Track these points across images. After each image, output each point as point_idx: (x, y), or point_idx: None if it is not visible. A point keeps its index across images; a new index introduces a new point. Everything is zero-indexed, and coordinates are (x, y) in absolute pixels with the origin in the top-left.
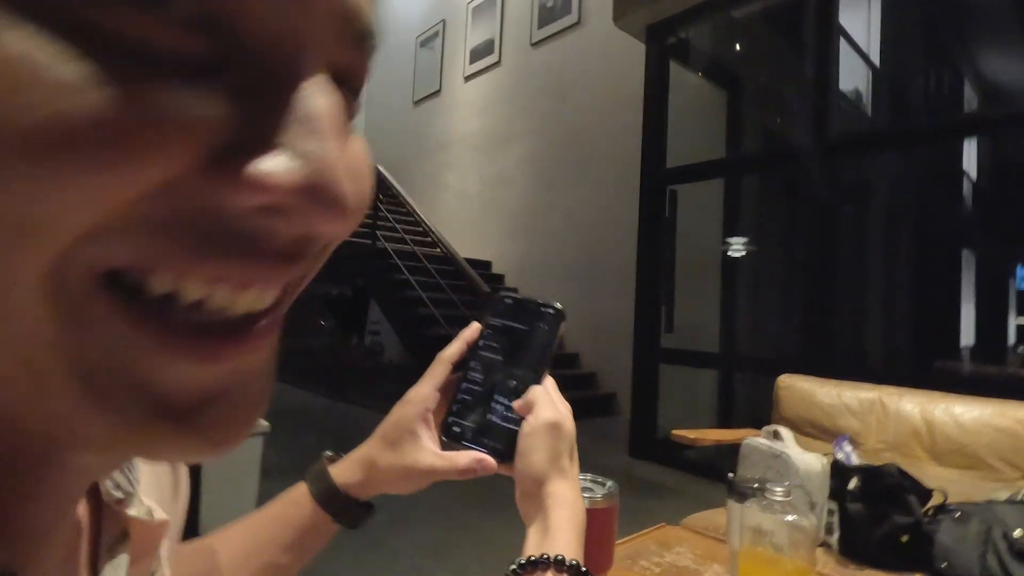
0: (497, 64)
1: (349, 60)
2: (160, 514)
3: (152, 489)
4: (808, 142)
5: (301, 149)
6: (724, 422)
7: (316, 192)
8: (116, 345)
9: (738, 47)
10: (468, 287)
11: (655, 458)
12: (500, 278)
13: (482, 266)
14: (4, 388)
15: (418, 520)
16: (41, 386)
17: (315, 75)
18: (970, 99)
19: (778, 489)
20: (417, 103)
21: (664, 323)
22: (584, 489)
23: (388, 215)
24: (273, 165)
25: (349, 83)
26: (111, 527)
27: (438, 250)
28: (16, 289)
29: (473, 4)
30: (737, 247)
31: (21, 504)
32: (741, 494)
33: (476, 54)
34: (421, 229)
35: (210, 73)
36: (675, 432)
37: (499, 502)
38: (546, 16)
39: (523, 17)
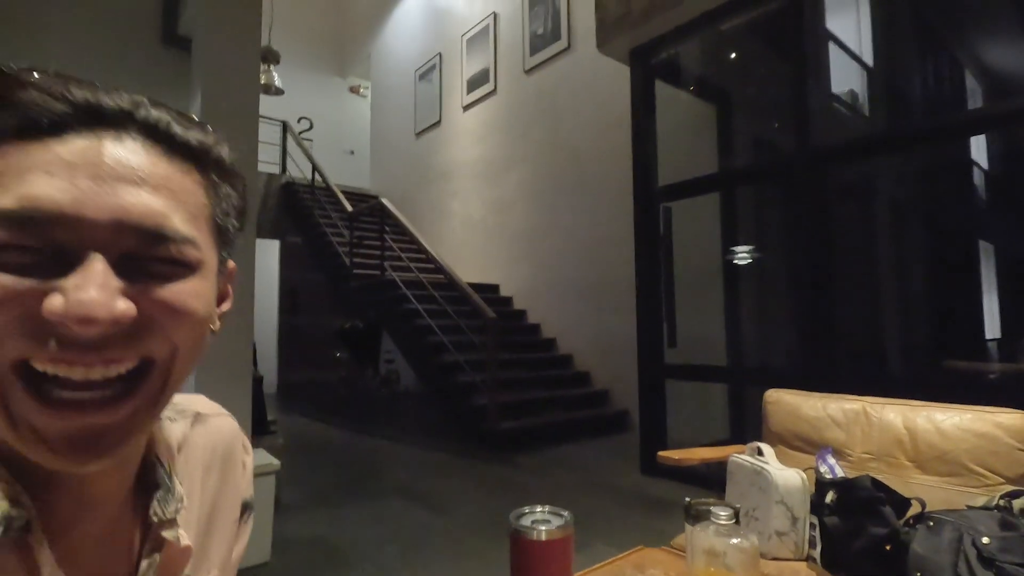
0: (493, 92)
1: (143, 246)
2: (185, 541)
3: (221, 531)
4: (798, 150)
5: (69, 295)
6: (738, 435)
7: (68, 315)
8: (20, 402)
9: (724, 61)
10: (474, 312)
11: (667, 475)
12: (508, 300)
13: (490, 289)
14: None
15: (432, 549)
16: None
17: (93, 256)
18: (973, 90)
19: (722, 512)
20: (419, 135)
21: (667, 338)
22: (542, 520)
23: (394, 245)
24: (52, 300)
25: (164, 255)
26: (154, 539)
27: (442, 277)
28: None
29: (468, 36)
30: (737, 259)
31: (59, 490)
32: (694, 517)
33: (472, 84)
34: (426, 257)
35: (36, 265)
36: (661, 453)
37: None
38: (537, 43)
39: (515, 45)
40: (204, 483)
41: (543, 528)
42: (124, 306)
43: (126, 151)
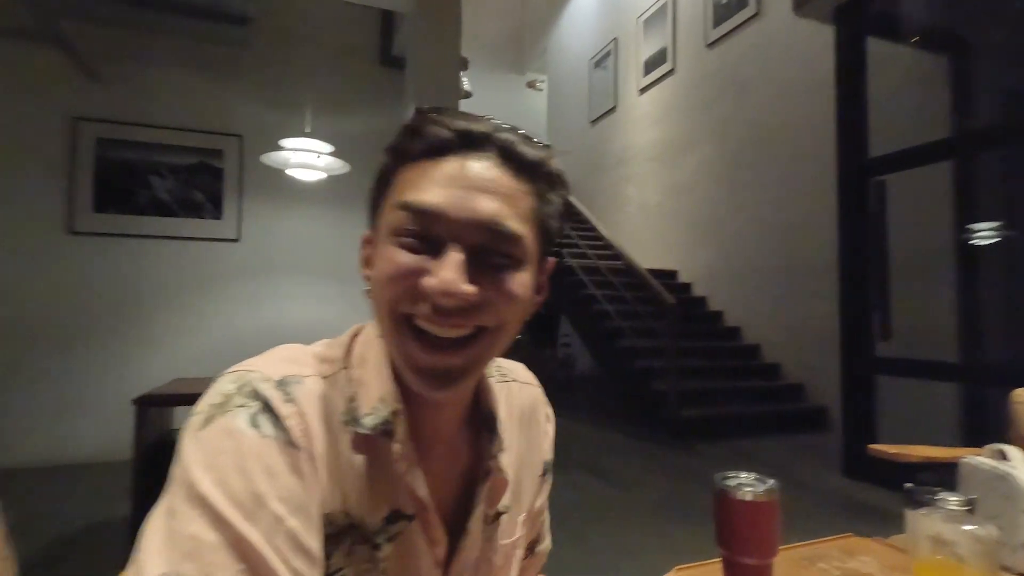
0: (671, 72)
1: (487, 240)
2: (504, 475)
3: (528, 481)
4: None
5: (439, 275)
6: (971, 441)
7: (436, 290)
8: (407, 341)
9: (961, 1)
10: (653, 298)
11: (875, 479)
12: (687, 287)
13: (667, 275)
14: (392, 348)
15: (615, 522)
16: (396, 349)
17: (454, 247)
18: None
19: (953, 498)
20: (594, 122)
21: (879, 329)
22: (747, 484)
23: (571, 232)
24: (428, 279)
25: (496, 245)
26: (485, 468)
27: (620, 263)
28: (390, 316)
29: (644, 17)
30: (977, 238)
31: (422, 411)
32: (918, 503)
33: (649, 65)
34: (603, 243)
35: (419, 249)
36: (872, 447)
37: (689, 512)
38: (722, 14)
39: (696, 20)
40: (519, 437)
41: (748, 489)
42: (470, 288)
43: (483, 167)
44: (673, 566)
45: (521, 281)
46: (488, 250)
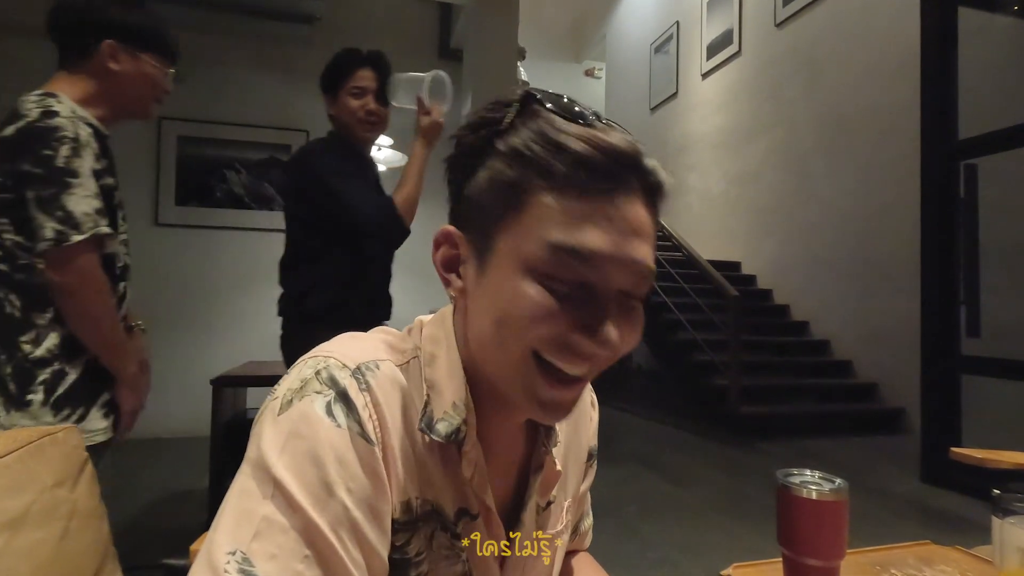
0: (737, 55)
1: (635, 284)
2: (558, 466)
3: (574, 467)
4: None
5: (599, 331)
6: None
7: (598, 342)
8: (531, 374)
9: None
10: (714, 290)
11: (957, 486)
12: (751, 279)
13: (730, 267)
14: (506, 376)
15: (671, 516)
16: (517, 380)
17: (608, 295)
18: None
19: None
20: (654, 109)
21: (966, 326)
22: (812, 482)
23: None
24: (586, 340)
25: (640, 289)
26: (538, 460)
27: (680, 254)
28: (519, 353)
29: None
30: None
31: (490, 415)
32: (1007, 511)
33: (713, 49)
34: (662, 233)
35: (565, 294)
36: (955, 450)
37: (748, 510)
38: None
39: None
40: (566, 425)
41: (814, 488)
42: (616, 335)
43: (635, 208)
44: (730, 563)
45: (642, 314)
46: (630, 293)
